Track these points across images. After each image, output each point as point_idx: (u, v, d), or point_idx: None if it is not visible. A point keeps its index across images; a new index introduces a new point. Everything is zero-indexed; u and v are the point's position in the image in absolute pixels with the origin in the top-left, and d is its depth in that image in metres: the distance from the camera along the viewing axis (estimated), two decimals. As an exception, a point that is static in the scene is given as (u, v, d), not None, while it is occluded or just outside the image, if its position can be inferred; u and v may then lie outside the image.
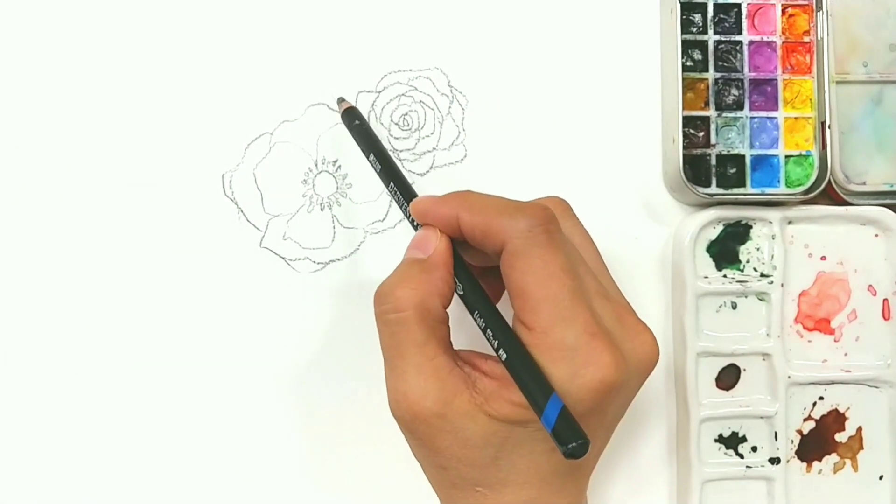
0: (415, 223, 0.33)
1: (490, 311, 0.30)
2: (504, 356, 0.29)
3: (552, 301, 0.29)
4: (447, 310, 0.31)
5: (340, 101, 0.39)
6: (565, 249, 0.30)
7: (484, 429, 0.29)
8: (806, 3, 0.40)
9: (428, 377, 0.30)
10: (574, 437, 0.27)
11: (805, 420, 0.40)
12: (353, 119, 0.38)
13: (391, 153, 0.40)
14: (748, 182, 0.39)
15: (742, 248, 0.40)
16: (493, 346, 0.30)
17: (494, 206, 0.30)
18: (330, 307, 0.40)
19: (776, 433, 0.39)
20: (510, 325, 0.30)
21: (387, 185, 0.35)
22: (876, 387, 0.40)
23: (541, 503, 0.31)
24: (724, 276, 0.40)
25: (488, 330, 0.30)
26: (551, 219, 0.30)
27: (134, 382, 0.39)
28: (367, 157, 0.37)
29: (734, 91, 0.40)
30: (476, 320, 0.31)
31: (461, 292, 0.32)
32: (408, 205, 0.33)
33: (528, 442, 0.30)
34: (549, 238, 0.29)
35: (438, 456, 0.30)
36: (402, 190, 0.35)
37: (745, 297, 0.40)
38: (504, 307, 0.31)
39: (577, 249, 0.31)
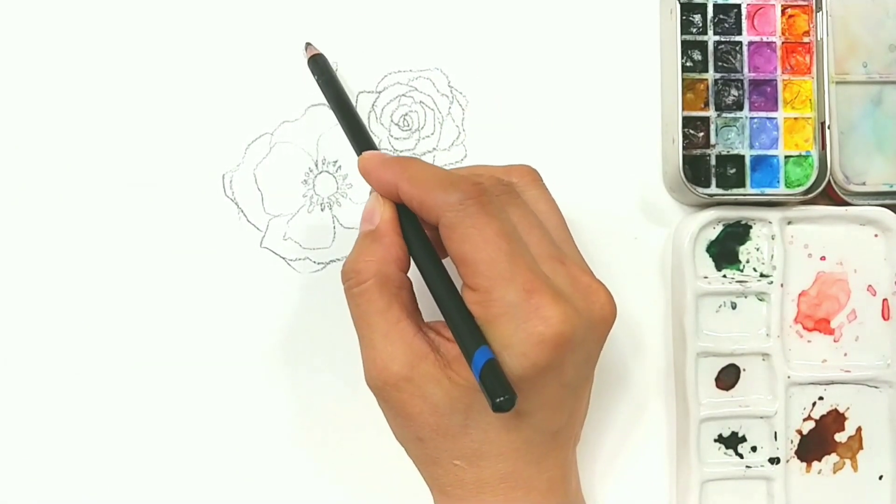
0: None
1: (434, 270, 0.31)
2: (442, 310, 0.30)
3: (490, 263, 0.29)
4: (410, 276, 0.32)
5: (308, 45, 0.39)
6: (500, 217, 0.30)
7: (448, 393, 0.30)
8: (806, 3, 0.40)
9: (394, 341, 0.30)
10: (501, 391, 0.27)
11: (805, 420, 0.40)
12: (318, 69, 0.38)
13: (392, 153, 0.40)
14: (748, 182, 0.39)
15: (742, 249, 0.40)
16: (438, 306, 0.31)
17: (431, 179, 0.31)
18: (330, 307, 0.40)
19: (776, 433, 0.39)
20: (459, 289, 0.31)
21: (348, 137, 0.36)
22: (876, 387, 0.40)
23: (519, 476, 0.31)
24: (724, 276, 0.40)
25: (432, 290, 0.31)
26: (483, 191, 0.30)
27: (134, 382, 0.39)
28: (330, 108, 0.37)
29: (734, 91, 0.40)
30: (426, 283, 0.31)
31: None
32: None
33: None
34: (480, 208, 0.30)
35: (413, 425, 0.31)
36: (361, 143, 0.35)
37: (745, 297, 0.40)
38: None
39: (529, 217, 0.32)
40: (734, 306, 0.40)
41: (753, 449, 0.40)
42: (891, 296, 0.40)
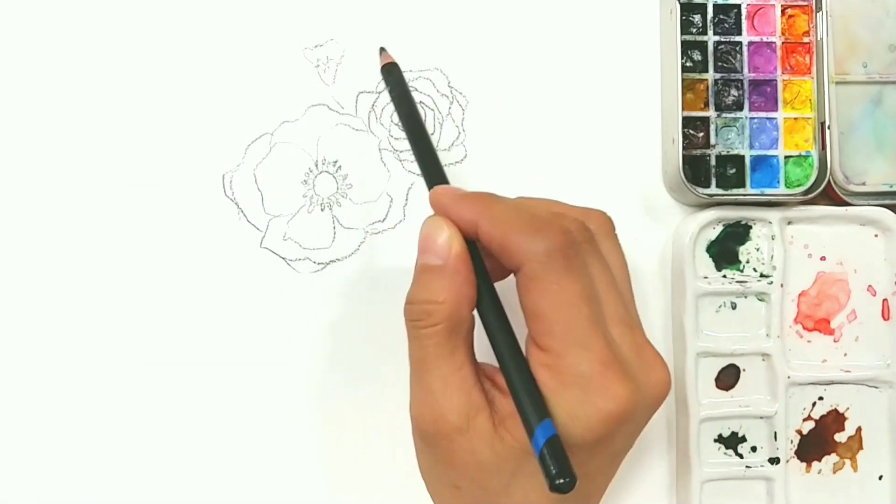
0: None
1: (500, 324, 0.29)
2: (504, 370, 0.29)
3: (567, 326, 0.28)
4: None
5: (382, 50, 0.37)
6: (584, 274, 0.29)
7: (498, 454, 0.29)
8: (805, 3, 0.40)
9: (454, 390, 0.29)
10: (563, 473, 0.26)
11: (804, 420, 0.40)
12: (393, 80, 0.36)
13: (392, 153, 0.40)
14: (748, 182, 0.39)
15: (742, 249, 0.40)
16: (498, 360, 0.29)
17: (515, 221, 0.29)
18: (330, 308, 0.40)
19: (776, 433, 0.39)
20: (521, 342, 0.30)
21: (418, 164, 0.34)
22: (875, 387, 0.40)
23: None
24: (724, 276, 0.40)
25: (496, 344, 0.29)
26: (572, 243, 0.29)
27: (134, 383, 0.39)
28: (401, 127, 0.35)
29: (734, 92, 0.40)
30: (487, 331, 0.30)
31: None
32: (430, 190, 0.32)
33: (539, 474, 0.28)
34: (567, 263, 0.28)
35: (454, 474, 0.30)
36: (432, 174, 0.33)
37: (745, 297, 0.40)
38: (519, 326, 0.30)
39: (607, 273, 0.30)
40: (734, 306, 0.40)
41: (753, 449, 0.40)
42: (891, 296, 0.40)
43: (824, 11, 0.39)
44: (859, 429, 0.40)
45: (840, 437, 0.40)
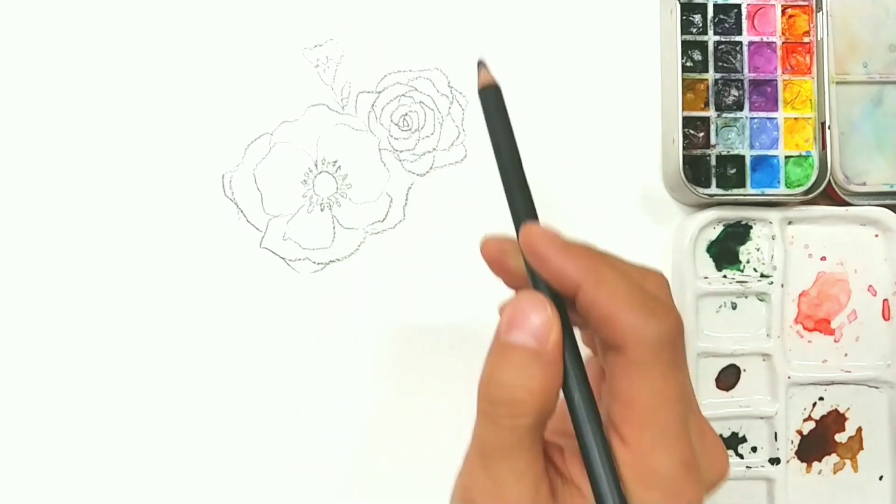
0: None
1: (592, 418, 0.26)
2: (592, 479, 0.26)
3: (660, 426, 0.25)
4: None
5: (480, 65, 0.31)
6: (685, 369, 0.26)
7: None
8: (806, 3, 0.40)
9: (525, 485, 0.26)
10: None
11: (805, 420, 0.40)
12: (488, 100, 0.30)
13: (392, 153, 0.40)
14: (748, 182, 0.39)
15: (742, 249, 0.40)
16: (583, 457, 0.26)
17: (626, 295, 0.26)
18: (330, 308, 0.40)
19: (776, 433, 0.39)
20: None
21: (507, 197, 0.29)
22: (876, 387, 0.40)
23: None
24: (724, 276, 0.40)
25: (582, 437, 0.26)
26: (681, 332, 0.26)
27: (133, 383, 0.39)
28: (494, 152, 0.30)
29: (734, 92, 0.40)
30: (571, 415, 0.27)
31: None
32: (520, 226, 0.27)
33: None
34: (674, 356, 0.26)
35: None
36: (520, 202, 0.28)
37: (745, 297, 0.40)
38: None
39: None
40: (734, 307, 0.40)
41: (754, 449, 0.40)
42: (891, 296, 0.40)
43: (824, 11, 0.39)
44: (860, 429, 0.40)
45: (840, 438, 0.40)
